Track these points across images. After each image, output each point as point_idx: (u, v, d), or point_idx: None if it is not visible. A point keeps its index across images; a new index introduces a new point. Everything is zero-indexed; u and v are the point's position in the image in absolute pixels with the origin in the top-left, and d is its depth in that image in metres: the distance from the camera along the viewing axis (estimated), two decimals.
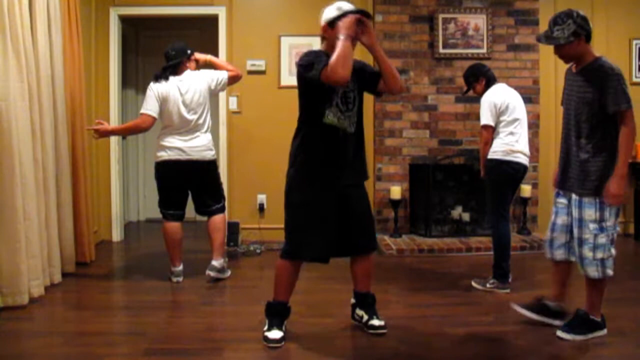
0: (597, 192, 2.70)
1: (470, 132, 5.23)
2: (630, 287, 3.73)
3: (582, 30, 2.71)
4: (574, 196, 2.81)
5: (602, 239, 2.71)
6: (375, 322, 2.94)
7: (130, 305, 3.58)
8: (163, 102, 3.82)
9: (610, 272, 2.76)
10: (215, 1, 5.30)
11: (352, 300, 3.11)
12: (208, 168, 3.92)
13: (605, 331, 2.85)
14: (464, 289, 3.72)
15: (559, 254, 2.94)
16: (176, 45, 3.95)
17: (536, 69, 5.31)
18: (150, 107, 3.82)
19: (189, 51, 3.96)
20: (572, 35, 2.69)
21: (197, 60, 4.03)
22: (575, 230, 2.80)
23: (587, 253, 2.74)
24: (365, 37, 2.75)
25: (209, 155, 3.91)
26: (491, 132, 3.70)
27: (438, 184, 5.27)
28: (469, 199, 5.35)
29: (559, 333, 2.83)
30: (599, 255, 2.72)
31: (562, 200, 2.91)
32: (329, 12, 2.85)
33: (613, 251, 2.76)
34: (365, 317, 2.99)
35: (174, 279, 3.90)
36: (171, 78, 3.84)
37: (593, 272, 2.75)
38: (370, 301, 3.04)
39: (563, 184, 2.90)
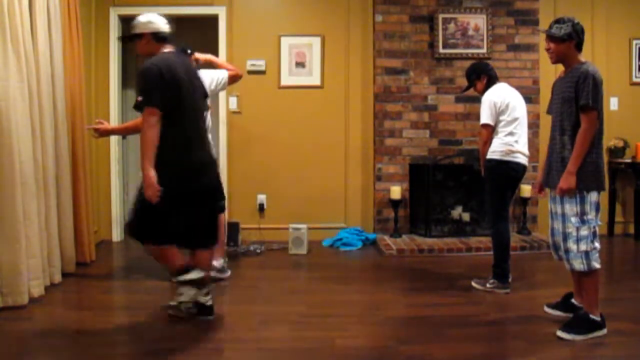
0: (576, 186, 2.81)
1: (470, 132, 5.23)
2: (631, 287, 3.73)
3: (576, 36, 2.89)
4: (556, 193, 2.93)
5: (585, 231, 2.83)
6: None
7: (130, 305, 3.58)
8: None
9: (596, 264, 2.84)
10: (215, 1, 5.30)
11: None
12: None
13: (605, 331, 2.86)
14: (464, 289, 3.72)
15: (561, 255, 3.01)
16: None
17: (536, 69, 5.31)
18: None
19: (188, 51, 3.96)
20: (566, 35, 2.87)
21: (197, 60, 4.03)
22: (559, 226, 2.92)
23: (572, 246, 2.85)
24: None
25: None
26: (490, 131, 3.70)
27: (438, 184, 5.27)
28: (469, 199, 5.35)
29: (559, 333, 2.84)
30: (583, 247, 2.83)
31: (554, 207, 3.01)
32: (162, 24, 3.25)
33: (597, 244, 2.86)
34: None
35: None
36: None
37: (579, 264, 2.84)
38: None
39: (547, 180, 3.02)
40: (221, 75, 3.98)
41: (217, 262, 3.90)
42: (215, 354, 2.70)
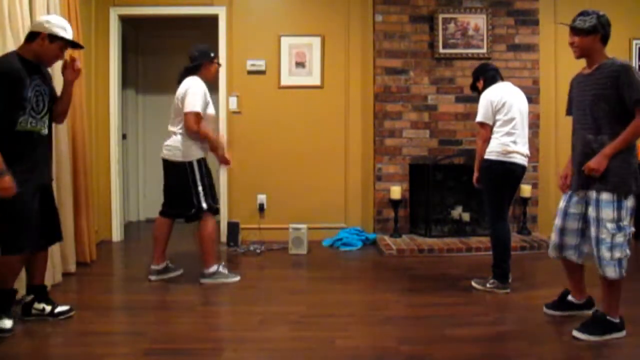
0: (616, 189, 2.72)
1: (470, 132, 5.23)
2: (631, 287, 3.71)
3: (602, 29, 2.77)
4: (593, 195, 2.80)
5: (620, 239, 2.73)
6: (64, 307, 3.16)
7: (130, 305, 3.58)
8: None
9: (623, 271, 2.78)
10: (215, 1, 5.30)
11: (28, 298, 3.14)
12: (175, 169, 3.79)
13: (624, 333, 2.83)
14: (464, 289, 3.72)
15: (570, 254, 2.98)
16: (200, 47, 3.90)
17: (536, 69, 5.31)
18: None
19: (212, 54, 3.90)
20: (591, 28, 2.75)
21: (219, 63, 3.97)
22: (593, 230, 2.80)
23: (605, 253, 2.75)
24: (67, 73, 3.11)
25: (169, 155, 3.78)
26: (488, 129, 3.69)
27: (438, 184, 5.27)
28: (469, 199, 5.35)
29: (575, 333, 2.83)
30: (617, 254, 2.74)
31: (576, 209, 2.92)
32: (57, 27, 2.93)
33: (628, 251, 2.78)
34: (49, 307, 3.13)
35: (149, 277, 3.92)
36: None
37: (611, 272, 2.75)
38: (47, 291, 3.23)
39: (580, 184, 2.88)
40: (185, 104, 3.71)
41: (206, 270, 3.86)
42: (215, 354, 2.70)
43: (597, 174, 2.73)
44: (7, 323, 2.85)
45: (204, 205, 3.76)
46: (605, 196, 2.74)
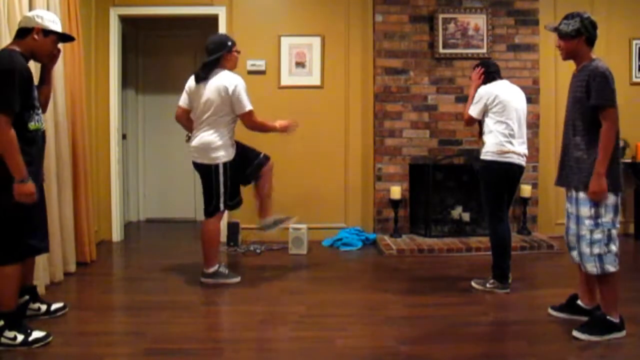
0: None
1: (470, 132, 5.23)
2: (631, 287, 3.72)
3: (586, 31, 2.83)
4: (573, 194, 2.89)
5: (598, 235, 2.78)
6: (59, 304, 3.22)
7: (130, 305, 3.58)
8: (190, 94, 3.84)
9: (610, 268, 2.80)
10: (215, 1, 5.30)
11: (26, 298, 3.10)
12: (203, 170, 3.83)
13: (624, 332, 2.83)
14: (464, 289, 3.72)
15: (575, 255, 2.98)
16: (215, 38, 3.83)
17: (536, 69, 5.31)
18: (181, 98, 3.93)
19: (229, 43, 3.80)
20: (575, 31, 2.81)
21: (238, 50, 3.89)
22: (574, 227, 2.88)
23: (585, 249, 2.82)
24: (53, 60, 3.06)
25: (199, 158, 3.80)
26: (470, 119, 3.76)
27: (438, 184, 5.27)
28: (469, 199, 5.35)
29: (575, 333, 2.84)
30: (596, 250, 2.79)
31: (570, 209, 2.96)
32: (49, 21, 2.89)
33: (612, 247, 2.80)
34: (44, 306, 3.17)
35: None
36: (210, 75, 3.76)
37: (592, 267, 2.81)
38: (37, 291, 3.25)
39: (560, 180, 2.99)
40: (236, 100, 3.79)
41: (206, 269, 3.86)
42: (215, 354, 2.70)
43: (600, 197, 2.76)
44: (39, 333, 2.79)
45: (222, 206, 3.84)
46: (582, 195, 2.83)
